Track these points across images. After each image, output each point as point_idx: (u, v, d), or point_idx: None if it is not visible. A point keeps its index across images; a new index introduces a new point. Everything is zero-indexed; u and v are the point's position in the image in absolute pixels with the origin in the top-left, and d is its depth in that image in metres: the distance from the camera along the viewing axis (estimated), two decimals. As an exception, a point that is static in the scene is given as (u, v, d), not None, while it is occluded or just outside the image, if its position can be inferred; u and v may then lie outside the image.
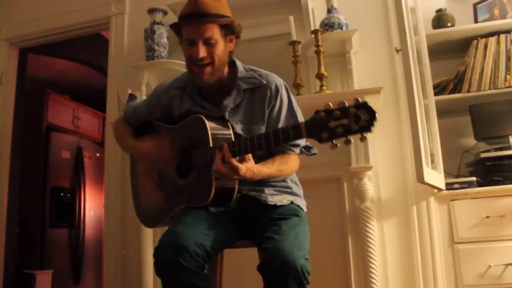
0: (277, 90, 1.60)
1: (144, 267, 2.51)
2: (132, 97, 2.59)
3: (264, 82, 1.60)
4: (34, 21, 3.43)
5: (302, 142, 1.62)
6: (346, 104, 1.20)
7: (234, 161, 1.38)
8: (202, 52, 1.50)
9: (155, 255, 1.38)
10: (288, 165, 1.58)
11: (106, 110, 3.11)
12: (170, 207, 1.63)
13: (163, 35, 2.77)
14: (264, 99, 1.58)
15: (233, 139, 1.49)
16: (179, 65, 2.75)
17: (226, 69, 1.62)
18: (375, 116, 1.16)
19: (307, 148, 1.66)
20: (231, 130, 1.54)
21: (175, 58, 2.81)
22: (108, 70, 3.17)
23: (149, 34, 2.77)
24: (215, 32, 1.51)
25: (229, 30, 1.55)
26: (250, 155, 1.42)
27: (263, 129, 1.57)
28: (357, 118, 1.17)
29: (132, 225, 2.69)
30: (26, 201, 4.07)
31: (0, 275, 3.33)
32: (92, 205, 5.02)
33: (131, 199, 1.87)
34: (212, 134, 1.48)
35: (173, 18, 2.83)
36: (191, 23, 1.50)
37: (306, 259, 1.33)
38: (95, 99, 4.98)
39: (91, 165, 5.07)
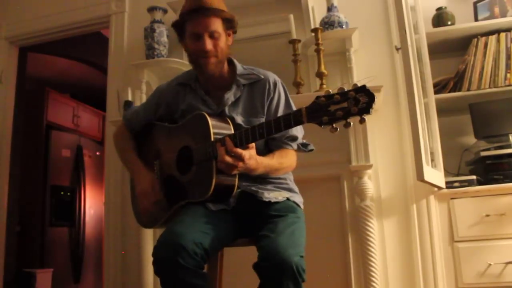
0: (275, 83, 1.67)
1: (144, 266, 2.51)
2: (129, 103, 2.60)
3: (262, 76, 1.67)
4: (34, 19, 3.43)
5: (299, 138, 1.65)
6: (346, 89, 1.25)
7: (237, 149, 1.41)
8: (209, 44, 1.56)
9: (154, 255, 1.38)
10: (287, 158, 1.62)
11: (106, 109, 3.11)
12: (170, 205, 1.63)
13: (163, 34, 2.77)
14: (263, 92, 1.64)
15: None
16: (179, 64, 2.75)
17: (226, 66, 1.67)
18: (374, 98, 1.21)
19: (304, 145, 1.67)
20: (231, 126, 1.56)
21: (175, 57, 2.81)
22: (108, 69, 3.16)
23: (149, 32, 2.77)
24: (219, 26, 1.58)
25: (230, 24, 1.62)
26: (253, 144, 1.44)
27: (262, 120, 1.59)
28: (356, 101, 1.22)
29: (132, 224, 2.67)
30: (26, 199, 4.06)
31: (0, 274, 3.33)
32: (92, 204, 5.02)
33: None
34: (213, 131, 1.50)
35: (173, 16, 2.84)
36: (198, 17, 1.56)
37: (302, 256, 1.33)
38: (95, 98, 4.97)
39: (91, 163, 5.06)
